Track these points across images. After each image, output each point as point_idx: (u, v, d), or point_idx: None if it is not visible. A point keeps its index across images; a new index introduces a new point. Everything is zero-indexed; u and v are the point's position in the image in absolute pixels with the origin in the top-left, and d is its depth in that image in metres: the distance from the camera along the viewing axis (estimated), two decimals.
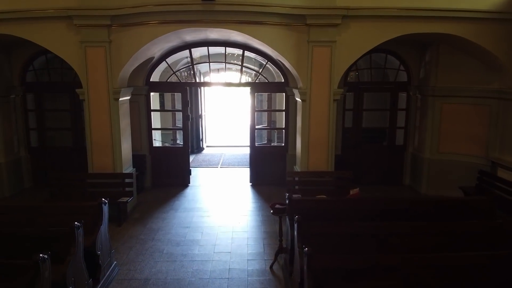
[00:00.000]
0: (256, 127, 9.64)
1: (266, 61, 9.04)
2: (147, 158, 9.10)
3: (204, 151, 13.83)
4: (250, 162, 9.54)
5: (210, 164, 11.82)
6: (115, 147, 7.16)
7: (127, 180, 7.20)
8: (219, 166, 11.56)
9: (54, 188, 7.20)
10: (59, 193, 7.10)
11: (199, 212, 7.63)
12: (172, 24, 6.77)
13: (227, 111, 24.95)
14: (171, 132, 11.38)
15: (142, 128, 9.00)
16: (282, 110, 9.61)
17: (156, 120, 9.68)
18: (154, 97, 9.63)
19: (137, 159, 8.85)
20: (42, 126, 9.08)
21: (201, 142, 13.81)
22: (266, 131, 11.39)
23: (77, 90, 7.10)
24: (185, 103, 9.16)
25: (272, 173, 9.34)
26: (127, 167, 7.65)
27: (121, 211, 6.94)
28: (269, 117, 10.93)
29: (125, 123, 7.48)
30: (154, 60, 8.61)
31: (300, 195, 6.97)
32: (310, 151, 7.25)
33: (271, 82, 9.52)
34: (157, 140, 9.84)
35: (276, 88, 9.39)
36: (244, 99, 22.11)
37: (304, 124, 7.24)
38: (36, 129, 9.09)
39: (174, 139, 10.58)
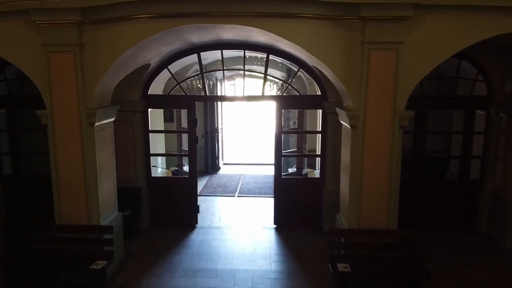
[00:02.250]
0: (283, 152, 7.52)
1: (298, 67, 6.90)
2: (144, 192, 7.13)
3: (220, 171, 11.80)
4: (275, 198, 7.42)
5: (225, 190, 9.76)
6: (89, 190, 5.21)
7: (105, 236, 5.22)
8: (236, 194, 9.49)
9: (13, 242, 5.34)
10: (18, 251, 5.23)
11: (203, 277, 5.56)
12: (167, 19, 4.75)
13: (248, 123, 23.00)
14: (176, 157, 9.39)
15: (137, 154, 7.04)
16: (317, 132, 7.45)
17: (157, 142, 7.72)
18: (155, 114, 7.67)
19: (130, 194, 6.93)
20: (15, 150, 7.28)
21: (217, 160, 11.80)
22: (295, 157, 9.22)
23: (38, 112, 5.18)
24: (192, 122, 7.14)
25: (303, 214, 7.20)
26: (109, 214, 5.69)
27: (96, 281, 4.98)
28: (300, 140, 8.72)
29: (105, 156, 5.52)
30: (151, 68, 6.62)
31: (348, 265, 4.82)
32: (363, 199, 5.07)
33: (303, 95, 7.36)
34: (158, 167, 7.87)
35: (310, 103, 7.22)
36: (268, 109, 20.06)
37: (355, 160, 5.06)
38: (9, 153, 7.29)
39: (180, 166, 8.60)
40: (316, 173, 8.25)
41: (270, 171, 11.65)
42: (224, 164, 12.63)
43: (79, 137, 5.09)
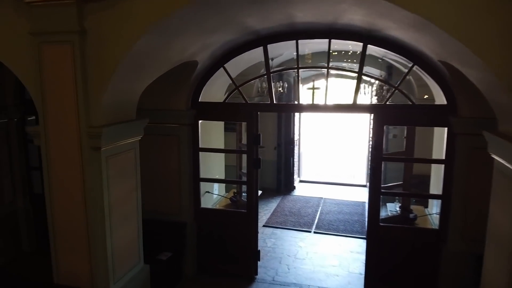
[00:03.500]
0: (383, 188, 5.22)
1: (412, 63, 4.59)
2: (190, 228, 5.44)
3: (295, 191, 9.76)
4: (367, 254, 5.12)
5: (299, 222, 7.69)
6: (93, 241, 3.60)
7: None
8: (313, 228, 7.37)
9: None
10: None
11: None
12: None
13: (332, 133, 20.61)
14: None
15: (182, 179, 5.36)
16: (438, 161, 5.01)
17: (212, 161, 6.01)
18: (211, 124, 5.96)
19: (171, 230, 5.33)
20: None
21: (291, 177, 9.78)
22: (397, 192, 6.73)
23: (29, 130, 3.72)
24: (252, 139, 5.23)
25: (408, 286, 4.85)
26: (129, 271, 4.04)
27: None
28: (409, 169, 6.20)
29: (122, 191, 3.88)
30: (199, 66, 4.86)
31: None
32: None
33: (417, 105, 4.94)
34: (213, 193, 6.15)
35: (428, 117, 4.78)
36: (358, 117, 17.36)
37: None
38: (40, 168, 6.15)
39: (239, 193, 6.73)
40: (432, 220, 5.76)
41: (358, 195, 9.41)
42: (301, 181, 10.57)
43: (79, 167, 3.50)
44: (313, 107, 5.22)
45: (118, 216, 3.80)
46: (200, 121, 5.38)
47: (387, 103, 4.91)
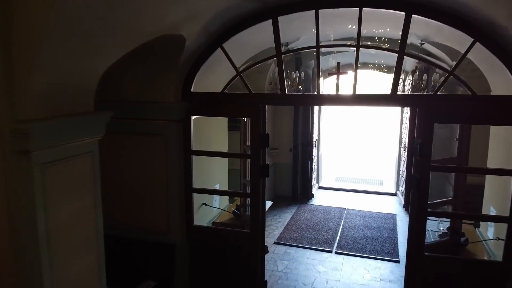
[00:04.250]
0: (430, 210, 3.96)
1: (472, 39, 3.35)
2: (180, 250, 4.34)
3: (313, 200, 8.55)
4: None
5: (318, 238, 6.49)
6: (26, 284, 2.53)
7: None
8: (334, 248, 6.15)
9: None
10: None
11: None
12: None
13: (357, 131, 19.21)
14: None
15: (171, 190, 4.27)
16: (508, 173, 3.71)
17: (210, 165, 4.90)
18: (210, 125, 4.86)
19: (157, 252, 4.26)
20: None
21: (309, 184, 8.57)
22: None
23: None
24: (258, 140, 4.08)
25: None
26: None
27: None
28: (463, 181, 4.81)
29: (68, 213, 2.79)
30: (189, 45, 3.74)
31: None
32: None
33: (480, 96, 3.65)
34: (213, 206, 5.04)
35: (498, 112, 3.50)
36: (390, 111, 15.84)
37: None
38: None
39: (243, 206, 5.52)
40: (489, 247, 4.47)
41: (387, 205, 8.12)
42: (320, 188, 9.35)
43: (1, 178, 2.44)
44: (338, 99, 4.00)
45: (64, 246, 2.73)
46: (193, 117, 4.28)
47: (439, 93, 3.66)
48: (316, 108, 8.54)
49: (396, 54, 3.57)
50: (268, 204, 5.78)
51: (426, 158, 3.61)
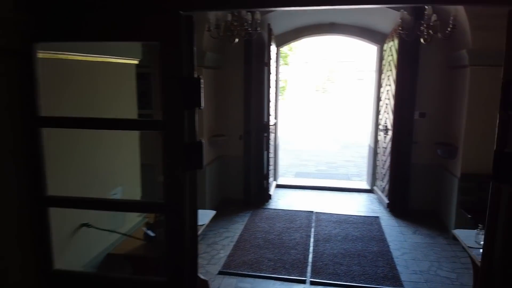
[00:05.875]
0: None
1: None
2: None
3: (272, 202, 6.54)
4: None
5: (282, 260, 4.47)
6: None
7: None
8: (308, 274, 4.17)
9: None
10: None
11: None
12: None
13: (319, 113, 17.61)
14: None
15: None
16: None
17: (103, 159, 2.65)
18: (84, 71, 2.61)
19: None
20: None
21: (267, 182, 6.53)
22: None
23: None
24: (181, 89, 1.90)
25: None
26: None
27: None
28: None
29: None
30: None
31: None
32: None
33: None
34: (98, 227, 2.77)
35: None
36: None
37: None
38: None
39: (157, 223, 3.20)
40: None
41: (364, 205, 6.22)
42: (278, 186, 7.38)
43: None
44: None
45: None
46: (40, 51, 2.03)
47: None
48: (272, 75, 6.52)
49: None
50: (208, 216, 3.67)
51: None
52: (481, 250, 3.05)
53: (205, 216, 3.58)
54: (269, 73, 6.13)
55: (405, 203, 5.92)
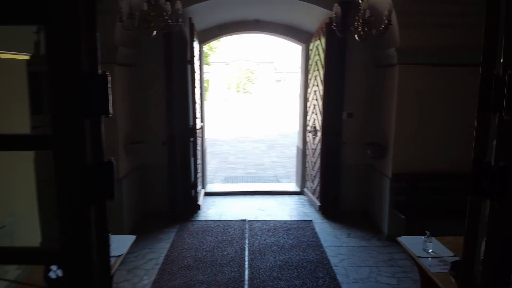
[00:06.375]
0: None
1: None
2: None
3: (201, 214, 6.00)
4: None
5: (215, 279, 3.97)
6: None
7: None
8: None
9: None
10: None
11: None
12: None
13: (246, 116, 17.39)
14: None
15: None
16: None
17: None
18: None
19: None
20: None
21: (195, 192, 5.97)
22: None
23: None
24: (78, 85, 1.33)
25: None
26: None
27: None
28: None
29: None
30: None
31: None
32: None
33: None
34: None
35: None
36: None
37: None
38: None
39: None
40: None
41: (297, 209, 5.88)
42: (206, 194, 6.85)
43: None
44: None
45: None
46: None
47: None
48: (197, 72, 5.98)
49: None
50: (126, 244, 3.03)
51: None
52: (430, 259, 2.91)
53: (121, 244, 2.95)
54: (193, 72, 5.59)
55: (337, 205, 5.82)
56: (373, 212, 5.57)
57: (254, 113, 25.41)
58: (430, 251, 2.92)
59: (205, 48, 8.84)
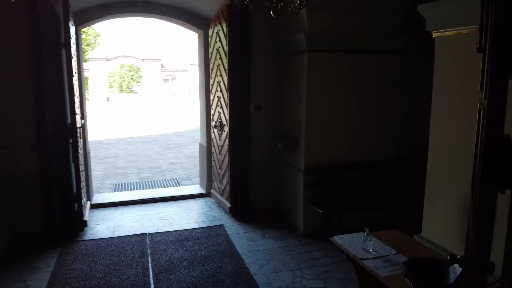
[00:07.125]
0: None
1: None
2: None
3: (88, 231, 4.92)
4: None
5: None
6: None
7: None
8: None
9: None
10: None
11: None
12: None
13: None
14: None
15: None
16: None
17: None
18: None
19: None
20: None
21: (79, 205, 4.85)
22: None
23: None
24: None
25: None
26: None
27: None
28: None
29: None
30: None
31: None
32: None
33: None
34: None
35: None
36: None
37: None
38: None
39: None
40: None
41: (204, 213, 5.17)
42: (93, 206, 5.74)
43: None
44: None
45: None
46: None
47: None
48: (74, 59, 4.88)
49: None
50: None
51: None
52: (371, 260, 2.60)
53: None
54: (69, 57, 4.50)
55: (248, 204, 5.38)
56: (287, 209, 5.27)
57: (141, 114, 23.74)
58: (370, 250, 2.62)
59: (83, 44, 7.64)
